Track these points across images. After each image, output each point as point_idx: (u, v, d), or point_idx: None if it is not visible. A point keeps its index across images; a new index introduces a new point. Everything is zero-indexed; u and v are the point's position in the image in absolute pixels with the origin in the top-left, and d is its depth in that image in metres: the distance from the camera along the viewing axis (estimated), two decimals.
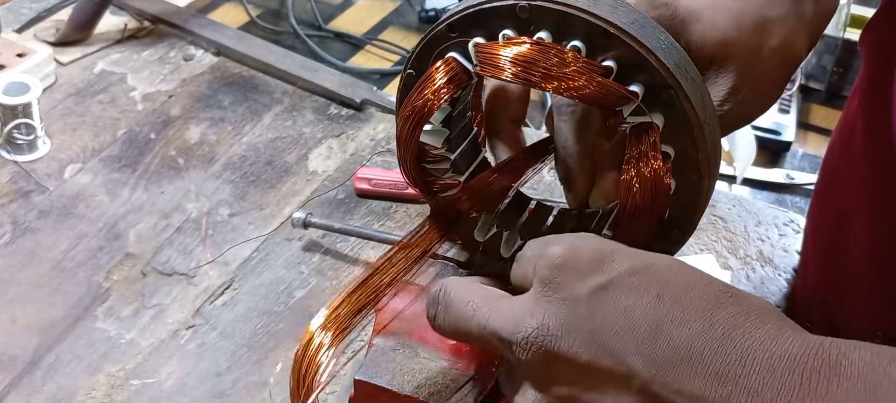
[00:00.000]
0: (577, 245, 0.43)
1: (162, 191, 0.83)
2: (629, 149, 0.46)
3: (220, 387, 0.66)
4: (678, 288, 0.41)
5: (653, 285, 0.41)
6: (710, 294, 0.41)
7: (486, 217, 0.56)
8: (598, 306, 0.41)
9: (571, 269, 0.43)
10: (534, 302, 0.43)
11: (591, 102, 0.45)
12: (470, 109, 0.56)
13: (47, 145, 0.87)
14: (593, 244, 0.44)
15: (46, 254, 0.76)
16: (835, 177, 0.73)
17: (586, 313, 0.41)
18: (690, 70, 0.46)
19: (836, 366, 0.37)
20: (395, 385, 0.53)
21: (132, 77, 0.97)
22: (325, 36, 1.98)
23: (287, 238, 0.79)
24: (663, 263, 0.43)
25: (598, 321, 0.41)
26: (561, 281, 0.43)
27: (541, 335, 0.42)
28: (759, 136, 1.79)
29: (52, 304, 0.72)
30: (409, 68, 0.51)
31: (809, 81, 1.99)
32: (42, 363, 0.67)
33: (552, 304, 0.42)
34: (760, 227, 0.83)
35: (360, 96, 0.95)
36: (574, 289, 0.42)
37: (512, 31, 0.47)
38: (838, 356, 0.37)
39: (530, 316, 0.43)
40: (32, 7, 1.06)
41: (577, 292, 0.42)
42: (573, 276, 0.42)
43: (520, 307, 0.44)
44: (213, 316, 0.72)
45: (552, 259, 0.43)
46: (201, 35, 1.03)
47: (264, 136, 0.91)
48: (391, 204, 0.83)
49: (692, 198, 0.47)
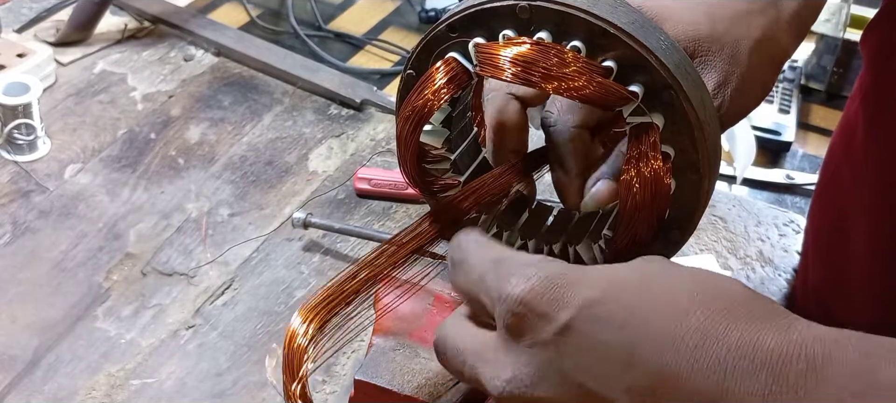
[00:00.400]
0: (533, 285, 0.42)
1: (162, 191, 0.83)
2: (629, 150, 0.46)
3: (220, 387, 0.66)
4: (641, 309, 0.40)
5: (615, 312, 0.40)
6: (675, 306, 0.39)
7: (486, 217, 0.56)
8: (564, 347, 0.40)
9: (532, 313, 0.41)
10: (503, 352, 0.43)
11: (591, 102, 0.45)
12: (470, 109, 0.56)
13: (47, 145, 0.87)
14: (548, 280, 0.42)
15: (46, 254, 0.76)
16: (835, 178, 0.73)
17: (555, 356, 0.41)
18: (691, 70, 0.46)
19: (820, 369, 0.35)
20: (395, 385, 0.53)
21: (132, 77, 0.98)
22: (326, 36, 1.98)
23: (287, 238, 0.79)
24: (624, 283, 0.41)
25: (569, 362, 0.40)
26: (523, 328, 0.42)
27: (516, 387, 0.42)
28: (759, 137, 1.79)
29: (53, 304, 0.72)
30: (409, 68, 0.51)
31: (809, 81, 1.98)
32: (42, 363, 0.67)
33: (520, 354, 0.42)
34: (760, 227, 0.83)
35: (360, 96, 0.95)
36: (538, 334, 0.41)
37: (512, 32, 0.46)
38: (823, 356, 0.36)
39: (502, 369, 0.42)
40: (32, 7, 1.06)
41: (542, 337, 0.41)
42: (535, 321, 0.41)
43: (493, 355, 0.43)
44: (213, 316, 0.72)
45: (511, 305, 0.42)
46: (201, 35, 1.03)
47: (264, 136, 0.91)
48: (391, 204, 0.83)
49: (692, 199, 0.47)
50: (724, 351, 0.37)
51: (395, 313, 0.56)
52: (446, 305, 0.57)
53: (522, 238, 0.56)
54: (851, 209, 0.68)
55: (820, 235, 0.74)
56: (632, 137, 0.46)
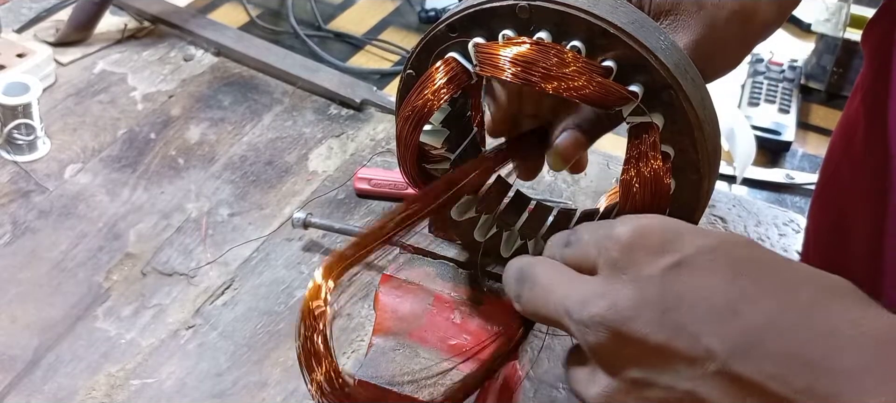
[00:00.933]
0: (644, 224, 0.42)
1: (162, 191, 0.83)
2: (629, 149, 0.46)
3: (220, 387, 0.66)
4: (755, 266, 0.40)
5: (728, 263, 0.40)
6: (788, 272, 0.40)
7: (486, 217, 0.56)
8: (670, 285, 0.40)
9: (641, 249, 0.41)
10: (604, 284, 0.42)
11: (591, 102, 0.45)
12: (470, 109, 0.56)
13: (47, 145, 0.87)
14: (661, 223, 0.42)
15: (46, 254, 0.76)
16: (835, 177, 0.73)
17: (658, 292, 0.40)
18: (690, 70, 0.46)
19: None
20: (396, 384, 0.53)
21: (132, 77, 0.98)
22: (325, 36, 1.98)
23: (287, 238, 0.79)
24: (737, 241, 0.42)
25: (671, 300, 0.40)
26: (630, 261, 0.41)
27: (611, 315, 0.40)
28: (758, 136, 1.79)
29: (53, 304, 0.72)
30: (408, 68, 0.51)
31: (809, 81, 1.99)
32: (42, 363, 0.67)
33: (623, 285, 0.41)
34: (760, 227, 0.83)
35: (360, 96, 0.95)
36: (644, 269, 0.41)
37: (512, 31, 0.47)
38: None
39: (600, 297, 0.41)
40: (32, 7, 1.06)
41: (648, 271, 0.40)
42: (643, 256, 0.41)
43: (590, 289, 0.42)
44: (213, 316, 0.72)
45: (620, 239, 0.42)
46: (201, 35, 1.03)
47: (264, 136, 0.91)
48: (391, 204, 0.83)
49: (692, 198, 0.48)
50: (833, 320, 0.38)
51: (395, 313, 0.56)
52: (446, 305, 0.57)
53: (522, 238, 0.56)
54: (851, 208, 0.68)
55: (820, 235, 0.74)
56: (632, 137, 0.46)
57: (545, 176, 0.87)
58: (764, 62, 2.06)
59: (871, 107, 0.66)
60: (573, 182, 0.87)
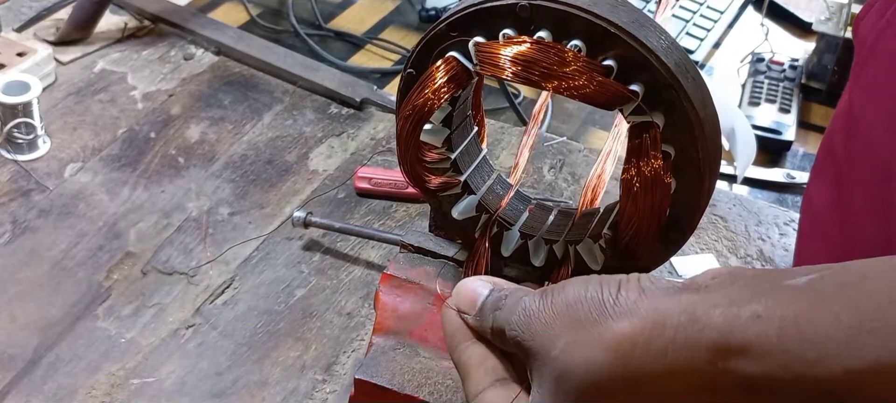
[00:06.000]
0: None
1: (162, 190, 0.83)
2: (630, 148, 0.46)
3: (220, 386, 0.66)
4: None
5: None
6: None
7: (486, 216, 0.56)
8: None
9: None
10: None
11: (591, 101, 0.45)
12: (470, 108, 0.56)
13: (47, 144, 0.87)
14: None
15: (46, 253, 0.76)
16: (829, 164, 0.74)
17: None
18: (691, 69, 0.46)
19: None
20: (396, 384, 0.53)
21: (132, 76, 0.97)
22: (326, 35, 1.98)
23: (287, 237, 0.79)
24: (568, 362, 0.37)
25: None
26: None
27: None
28: (759, 136, 1.79)
29: (53, 303, 0.72)
30: (409, 67, 0.51)
31: (810, 81, 1.98)
32: (42, 362, 0.67)
33: None
34: (761, 227, 0.83)
35: (360, 95, 0.95)
36: None
37: (512, 31, 0.46)
38: None
39: None
40: (32, 6, 1.06)
41: None
42: None
43: None
44: (213, 316, 0.72)
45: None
46: (201, 34, 1.03)
47: (265, 135, 0.91)
48: (392, 203, 0.83)
49: (692, 198, 0.47)
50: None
51: (395, 312, 0.56)
52: None
53: (522, 238, 0.56)
54: (847, 194, 0.68)
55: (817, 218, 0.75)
56: (632, 136, 0.46)
57: (545, 175, 0.87)
58: (765, 61, 2.05)
59: (861, 93, 0.67)
60: (573, 181, 0.87)
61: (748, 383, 0.33)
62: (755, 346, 0.33)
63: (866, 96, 0.67)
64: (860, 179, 0.67)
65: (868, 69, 0.68)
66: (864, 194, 0.66)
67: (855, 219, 0.67)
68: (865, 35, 0.68)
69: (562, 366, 0.36)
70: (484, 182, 0.57)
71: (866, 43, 0.68)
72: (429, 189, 0.56)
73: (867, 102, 0.67)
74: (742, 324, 0.33)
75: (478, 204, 0.56)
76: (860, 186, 0.67)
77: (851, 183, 0.68)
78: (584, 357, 0.35)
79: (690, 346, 0.34)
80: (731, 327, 0.33)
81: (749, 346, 0.33)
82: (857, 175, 0.67)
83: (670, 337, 0.34)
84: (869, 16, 0.69)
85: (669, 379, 0.34)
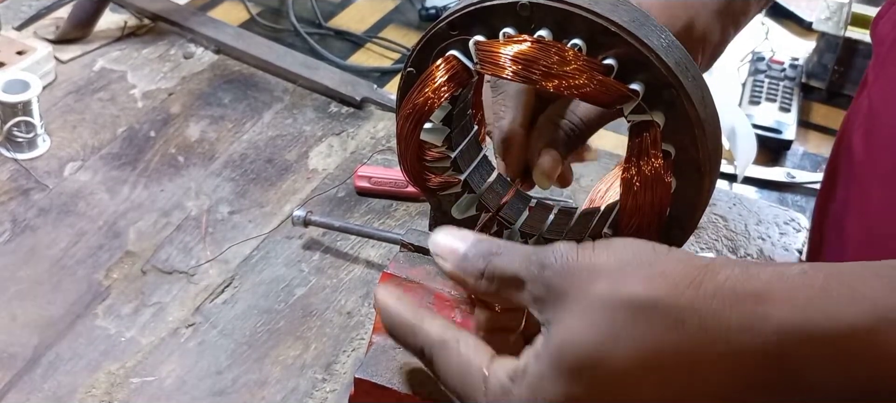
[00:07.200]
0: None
1: (162, 188, 0.83)
2: (630, 148, 0.46)
3: (220, 385, 0.66)
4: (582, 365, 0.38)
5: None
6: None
7: (486, 216, 0.56)
8: None
9: None
10: None
11: (591, 100, 0.45)
12: (470, 107, 0.56)
13: (47, 143, 0.87)
14: None
15: (46, 252, 0.76)
16: (838, 172, 0.74)
17: None
18: (691, 68, 0.46)
19: None
20: (396, 383, 0.53)
21: (132, 75, 0.97)
22: (326, 34, 1.98)
23: (287, 236, 0.79)
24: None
25: None
26: None
27: None
28: (759, 135, 1.79)
29: (52, 302, 0.72)
30: (409, 66, 0.51)
31: (810, 80, 1.98)
32: (42, 361, 0.67)
33: None
34: (761, 226, 0.83)
35: (360, 94, 0.95)
36: None
37: (512, 29, 0.46)
38: None
39: None
40: (32, 4, 1.06)
41: None
42: None
43: None
44: (213, 314, 0.72)
45: None
46: (201, 33, 1.03)
47: (264, 134, 0.91)
48: (392, 202, 0.83)
49: (693, 197, 0.47)
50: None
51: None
52: (447, 303, 0.57)
53: (522, 237, 0.56)
54: (867, 191, 0.69)
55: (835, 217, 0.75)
56: (632, 135, 0.46)
57: None
58: (765, 61, 2.05)
59: (878, 95, 0.68)
60: (574, 180, 0.87)
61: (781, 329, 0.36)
62: (800, 291, 0.36)
63: (889, 93, 0.67)
64: (882, 174, 0.67)
65: (890, 66, 0.68)
66: (886, 190, 0.66)
67: (876, 216, 0.67)
68: (885, 34, 0.69)
69: (604, 293, 0.38)
70: (484, 181, 0.57)
71: (886, 41, 0.68)
72: (429, 188, 0.56)
73: (890, 99, 0.67)
74: (789, 277, 0.37)
75: (478, 202, 0.56)
76: (880, 182, 0.67)
77: (871, 179, 0.69)
78: (638, 279, 0.38)
79: (738, 293, 0.36)
80: (781, 279, 0.37)
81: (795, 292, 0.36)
82: (878, 170, 0.68)
83: (721, 282, 0.37)
84: (889, 14, 0.70)
85: (715, 321, 0.36)
